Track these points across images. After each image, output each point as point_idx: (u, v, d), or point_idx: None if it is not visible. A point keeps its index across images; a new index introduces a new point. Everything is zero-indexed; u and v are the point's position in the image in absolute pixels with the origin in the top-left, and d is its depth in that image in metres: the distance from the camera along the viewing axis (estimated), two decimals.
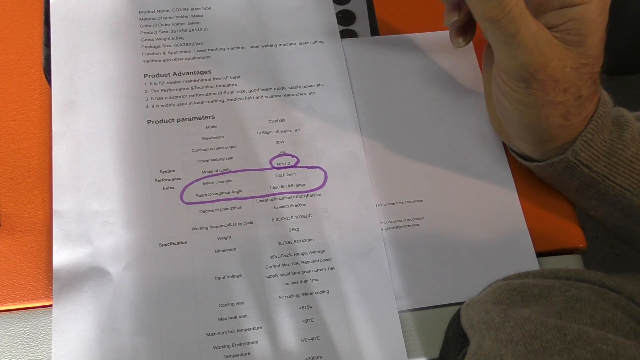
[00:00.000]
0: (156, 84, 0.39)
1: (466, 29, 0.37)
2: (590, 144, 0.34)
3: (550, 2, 0.32)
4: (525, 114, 0.34)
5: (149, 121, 0.38)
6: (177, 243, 0.36)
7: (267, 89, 0.40)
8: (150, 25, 0.41)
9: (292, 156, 0.39)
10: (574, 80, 0.32)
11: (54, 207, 0.35)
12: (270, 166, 0.38)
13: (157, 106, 0.39)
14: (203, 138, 0.38)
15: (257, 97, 0.40)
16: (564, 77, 0.32)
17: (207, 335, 0.34)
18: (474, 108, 0.42)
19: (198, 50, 0.41)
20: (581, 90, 0.33)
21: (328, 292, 0.36)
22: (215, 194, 0.37)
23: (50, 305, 0.34)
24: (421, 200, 0.39)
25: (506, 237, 0.38)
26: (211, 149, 0.38)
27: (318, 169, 0.39)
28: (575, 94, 0.33)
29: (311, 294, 0.35)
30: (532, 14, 0.32)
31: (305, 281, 0.36)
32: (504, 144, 0.41)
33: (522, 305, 0.28)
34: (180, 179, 0.37)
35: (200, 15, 0.42)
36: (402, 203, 0.39)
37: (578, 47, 0.32)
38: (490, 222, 0.38)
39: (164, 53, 0.40)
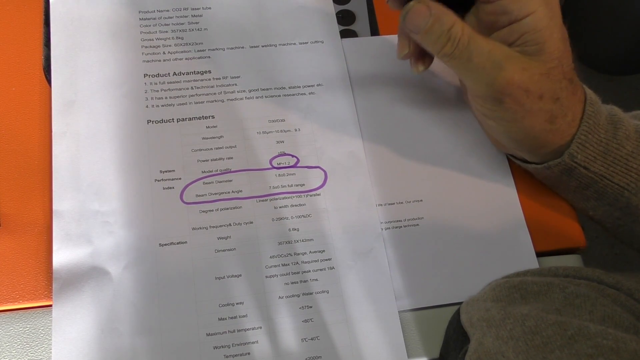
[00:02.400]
0: (156, 84, 0.39)
1: (423, 55, 0.37)
2: (586, 145, 0.34)
3: (498, 20, 0.32)
4: (511, 129, 0.35)
5: (149, 121, 0.38)
6: (177, 243, 0.36)
7: (267, 89, 0.40)
8: (150, 25, 0.41)
9: (292, 156, 0.39)
10: (547, 85, 0.33)
11: (54, 207, 0.35)
12: (270, 166, 0.38)
13: (157, 106, 0.39)
14: (203, 138, 0.38)
15: (257, 97, 0.40)
16: (534, 85, 0.32)
17: (207, 335, 0.34)
18: None
19: (198, 50, 0.41)
20: (558, 93, 0.33)
21: (328, 292, 0.35)
22: (215, 194, 0.37)
23: (50, 305, 0.34)
24: (421, 200, 0.39)
25: (506, 237, 0.38)
26: (211, 149, 0.38)
27: (318, 169, 0.39)
28: (552, 98, 0.33)
29: (311, 294, 0.35)
30: (484, 34, 0.33)
31: (305, 281, 0.36)
32: None
33: (521, 302, 0.28)
34: (180, 179, 0.37)
35: (200, 15, 0.42)
36: (402, 203, 0.39)
37: (540, 54, 0.32)
38: (490, 221, 0.38)
39: (164, 53, 0.40)
